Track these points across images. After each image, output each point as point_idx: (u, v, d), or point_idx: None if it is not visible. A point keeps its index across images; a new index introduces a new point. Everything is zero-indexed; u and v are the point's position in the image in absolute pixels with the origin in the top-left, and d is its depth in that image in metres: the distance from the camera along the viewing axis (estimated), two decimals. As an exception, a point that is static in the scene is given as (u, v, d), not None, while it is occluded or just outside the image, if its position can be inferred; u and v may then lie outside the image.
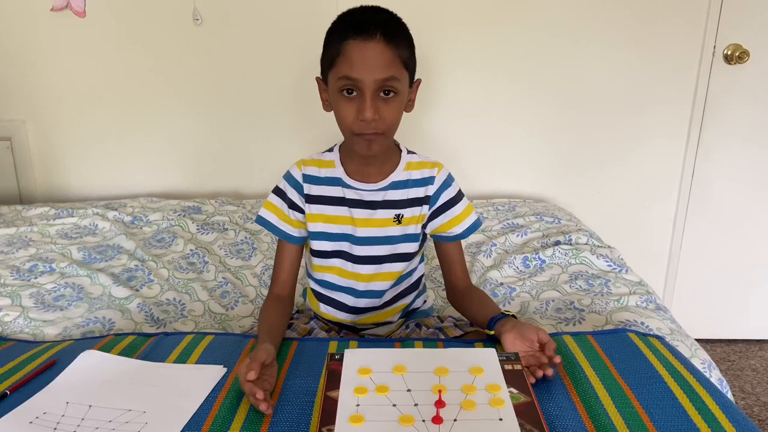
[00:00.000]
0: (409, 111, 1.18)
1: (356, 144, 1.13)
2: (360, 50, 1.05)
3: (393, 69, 1.07)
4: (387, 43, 1.06)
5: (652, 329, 1.32)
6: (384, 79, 1.06)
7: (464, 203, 1.26)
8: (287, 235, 1.27)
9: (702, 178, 2.31)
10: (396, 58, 1.07)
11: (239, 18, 2.16)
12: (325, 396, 0.89)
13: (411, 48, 1.13)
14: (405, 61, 1.10)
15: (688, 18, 2.14)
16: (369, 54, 1.05)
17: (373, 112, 1.06)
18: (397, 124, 1.13)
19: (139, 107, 2.27)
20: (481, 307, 1.21)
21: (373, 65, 1.05)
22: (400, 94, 1.10)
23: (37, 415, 0.93)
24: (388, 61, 1.06)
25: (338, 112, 1.11)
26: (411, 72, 1.14)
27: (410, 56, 1.12)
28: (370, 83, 1.05)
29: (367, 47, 1.05)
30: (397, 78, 1.08)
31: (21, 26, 2.18)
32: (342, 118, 1.11)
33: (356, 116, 1.08)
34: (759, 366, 2.36)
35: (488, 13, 2.15)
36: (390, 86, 1.07)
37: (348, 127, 1.10)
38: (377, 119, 1.07)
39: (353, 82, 1.06)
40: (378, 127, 1.08)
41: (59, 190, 2.37)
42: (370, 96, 1.06)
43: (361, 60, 1.05)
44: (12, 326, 1.40)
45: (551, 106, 2.25)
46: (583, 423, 0.89)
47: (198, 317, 1.52)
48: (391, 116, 1.10)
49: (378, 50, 1.05)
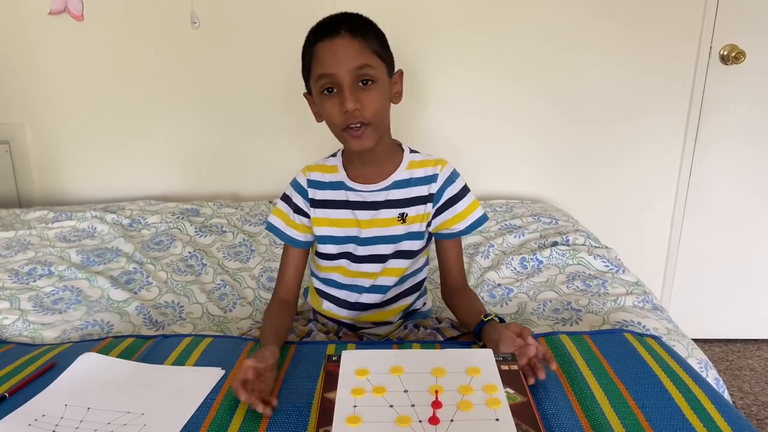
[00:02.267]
0: (396, 102, 1.20)
1: (348, 141, 1.14)
2: (329, 47, 1.09)
3: (364, 57, 1.09)
4: (353, 36, 1.09)
5: (649, 329, 1.32)
6: (356, 68, 1.08)
7: (468, 199, 1.26)
8: (292, 240, 1.28)
9: (699, 178, 2.32)
10: (365, 48, 1.10)
11: (237, 21, 2.17)
12: (323, 397, 0.90)
13: (381, 39, 1.15)
14: (376, 51, 1.12)
15: (685, 19, 2.15)
16: (337, 48, 1.09)
17: (354, 102, 1.08)
18: (382, 113, 1.14)
19: (138, 110, 2.27)
20: (468, 311, 1.22)
21: (343, 57, 1.08)
22: (378, 82, 1.12)
23: (35, 418, 0.93)
24: (356, 51, 1.09)
25: (324, 112, 1.14)
26: (387, 62, 1.15)
27: (381, 47, 1.14)
28: (344, 75, 1.08)
29: (334, 43, 1.09)
30: (371, 65, 1.10)
31: (19, 30, 2.18)
32: (328, 116, 1.13)
33: (340, 110, 1.10)
34: (757, 366, 2.36)
35: (486, 13, 2.16)
36: (365, 74, 1.10)
37: (335, 123, 1.12)
38: (359, 107, 1.09)
39: (329, 78, 1.09)
40: (363, 115, 1.10)
41: (58, 193, 2.37)
42: (348, 87, 1.08)
43: (331, 56, 1.09)
44: (11, 329, 1.41)
45: (549, 106, 2.25)
46: (579, 423, 0.90)
47: (196, 319, 1.52)
48: (373, 104, 1.11)
49: (345, 43, 1.09)
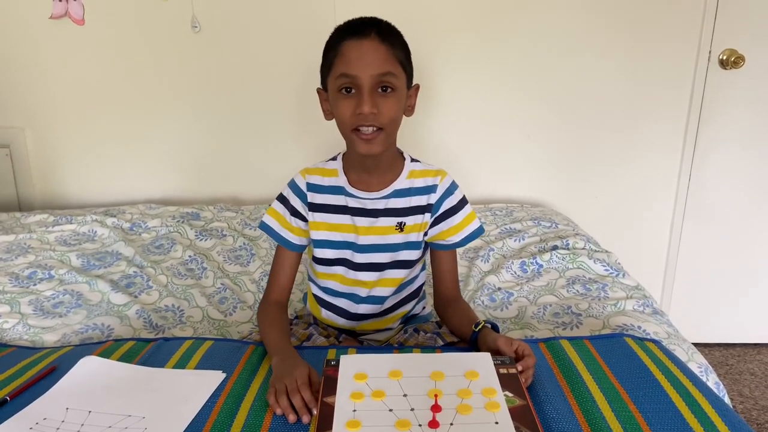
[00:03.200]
0: (409, 115, 1.20)
1: (356, 143, 1.13)
2: (356, 48, 1.08)
3: (389, 65, 1.09)
4: (382, 41, 1.09)
5: (649, 333, 1.32)
6: (380, 74, 1.08)
7: (465, 212, 1.26)
8: (286, 242, 1.28)
9: (699, 182, 2.32)
10: (391, 55, 1.10)
11: (237, 25, 2.17)
12: (322, 402, 0.90)
13: (406, 50, 1.15)
14: (400, 60, 1.12)
15: (684, 23, 2.16)
16: (365, 51, 1.08)
17: (371, 106, 1.08)
18: (396, 122, 1.14)
19: (138, 114, 2.28)
20: (460, 322, 1.22)
21: (369, 61, 1.08)
22: (397, 91, 1.12)
23: (37, 421, 0.93)
24: (383, 58, 1.09)
25: (337, 110, 1.13)
26: (408, 74, 1.16)
27: (406, 58, 1.14)
28: (367, 78, 1.08)
29: (362, 44, 1.08)
30: (394, 74, 1.10)
31: (20, 34, 2.19)
32: (340, 115, 1.12)
33: (354, 111, 1.09)
34: (757, 370, 2.36)
35: (486, 19, 2.16)
36: (387, 82, 1.09)
37: (346, 122, 1.11)
38: (375, 113, 1.08)
39: (351, 79, 1.08)
40: (378, 120, 1.09)
41: (58, 197, 2.37)
42: (368, 91, 1.08)
43: (357, 57, 1.08)
44: (11, 333, 1.41)
45: (548, 111, 2.26)
46: (580, 427, 0.90)
47: (196, 323, 1.52)
48: (390, 112, 1.11)
49: (373, 47, 1.08)
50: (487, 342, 1.08)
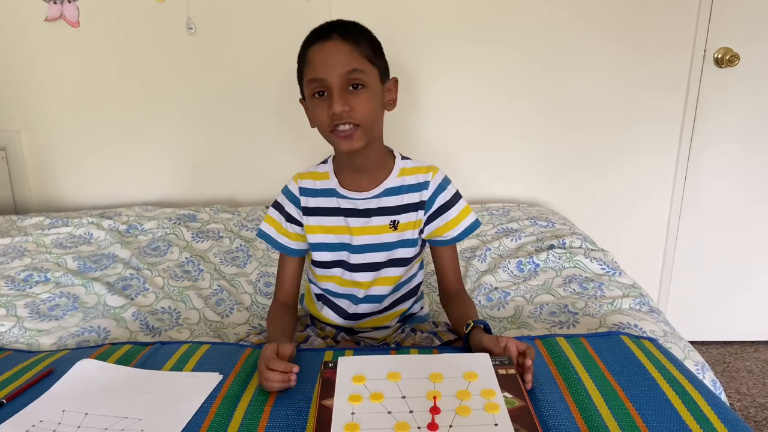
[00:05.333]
0: (390, 109, 1.21)
1: (337, 143, 1.14)
2: (320, 51, 1.11)
3: (354, 62, 1.10)
4: (344, 41, 1.10)
5: (645, 331, 1.32)
6: (346, 73, 1.09)
7: (460, 206, 1.26)
8: (285, 248, 1.29)
9: (694, 180, 2.33)
10: (355, 52, 1.11)
11: (233, 27, 2.17)
12: (320, 405, 0.90)
13: (373, 45, 1.16)
14: (367, 56, 1.13)
15: (679, 22, 2.16)
16: (328, 52, 1.10)
17: (342, 104, 1.09)
18: (372, 116, 1.14)
19: (134, 116, 2.27)
20: (458, 318, 1.22)
21: (333, 62, 1.09)
22: (369, 87, 1.12)
23: (33, 424, 0.93)
24: (347, 56, 1.10)
25: (314, 115, 1.14)
26: (379, 68, 1.16)
27: (374, 53, 1.15)
28: (334, 79, 1.09)
29: (324, 47, 1.10)
30: (361, 70, 1.11)
31: (15, 36, 2.18)
32: (317, 119, 1.14)
33: (328, 112, 1.10)
34: (754, 367, 2.37)
35: (480, 19, 2.16)
36: (355, 79, 1.10)
37: (323, 125, 1.13)
38: (347, 110, 1.09)
39: (320, 82, 1.10)
40: (351, 117, 1.10)
41: (54, 199, 2.37)
42: (337, 91, 1.09)
43: (322, 60, 1.10)
44: (7, 336, 1.40)
45: (544, 110, 2.26)
46: (577, 425, 0.90)
47: (193, 325, 1.52)
48: (363, 108, 1.11)
49: (336, 48, 1.10)
50: (475, 342, 1.09)
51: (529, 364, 1.00)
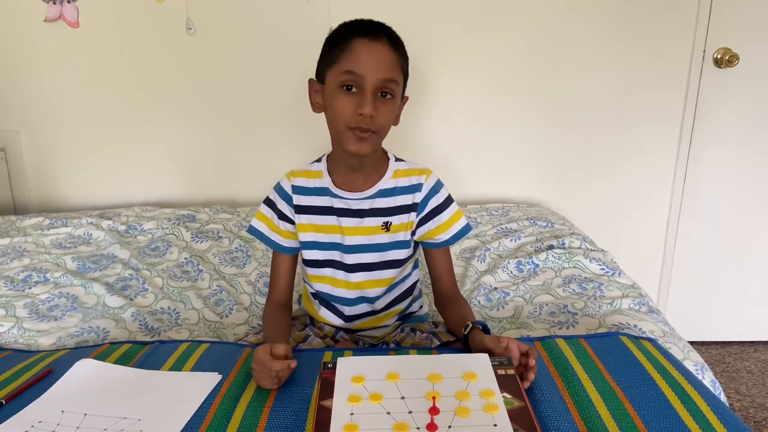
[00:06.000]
0: (395, 125, 1.20)
1: (348, 141, 1.12)
2: (367, 48, 1.09)
3: (394, 72, 1.11)
4: (392, 47, 1.11)
5: (645, 332, 1.32)
6: (385, 80, 1.09)
7: (452, 210, 1.26)
8: (277, 245, 1.29)
9: (694, 180, 2.33)
10: (397, 63, 1.12)
11: (232, 27, 2.17)
12: (319, 405, 0.89)
13: (407, 62, 1.17)
14: (403, 70, 1.15)
15: (678, 22, 2.16)
16: (375, 53, 1.09)
17: (373, 108, 1.08)
18: (388, 128, 1.15)
19: (133, 116, 2.27)
20: (456, 321, 1.22)
21: (378, 64, 1.09)
22: (395, 98, 1.13)
23: (32, 424, 0.93)
24: (391, 63, 1.10)
25: (335, 106, 1.12)
26: (404, 85, 1.17)
27: (407, 67, 1.16)
28: (373, 81, 1.08)
29: (374, 46, 1.09)
30: (397, 81, 1.12)
31: (14, 37, 2.18)
32: (338, 112, 1.11)
33: (354, 110, 1.09)
34: (754, 368, 2.37)
35: (479, 18, 2.17)
36: (389, 88, 1.11)
37: (344, 120, 1.11)
38: (374, 116, 1.09)
39: (356, 78, 1.09)
40: (374, 124, 1.10)
41: (53, 200, 2.37)
42: (371, 93, 1.09)
43: (367, 57, 1.09)
44: (6, 336, 1.40)
45: (543, 110, 2.26)
46: (576, 426, 0.90)
47: (192, 325, 1.52)
48: (386, 117, 1.12)
49: (384, 51, 1.10)
50: (475, 343, 1.08)
51: (533, 364, 1.00)
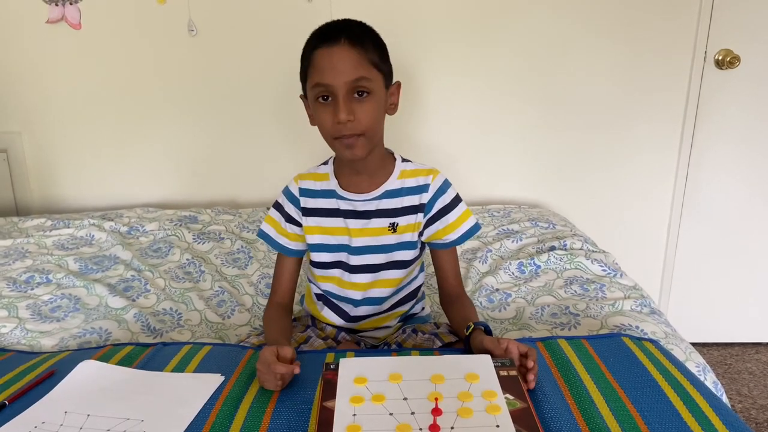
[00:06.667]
0: (392, 113, 1.20)
1: (339, 150, 1.14)
2: (327, 56, 1.09)
3: (361, 70, 1.09)
4: (352, 46, 1.09)
5: (646, 333, 1.32)
6: (353, 81, 1.08)
7: (460, 209, 1.26)
8: (284, 248, 1.29)
9: (696, 182, 2.33)
10: (363, 59, 1.09)
11: (234, 29, 2.17)
12: (322, 406, 0.90)
13: (380, 50, 1.14)
14: (374, 63, 1.12)
15: (679, 24, 2.16)
16: (335, 58, 1.08)
17: (347, 113, 1.08)
18: (376, 124, 1.14)
19: (135, 118, 2.27)
20: (459, 321, 1.22)
21: (341, 69, 1.08)
22: (374, 94, 1.12)
23: (35, 425, 0.93)
24: (354, 63, 1.08)
25: (318, 119, 1.13)
26: (385, 74, 1.15)
27: (380, 58, 1.14)
28: (341, 86, 1.08)
29: (332, 52, 1.08)
30: (368, 78, 1.10)
31: (16, 38, 2.19)
32: (321, 124, 1.13)
33: (332, 120, 1.09)
34: (756, 369, 2.37)
35: (481, 21, 2.17)
36: (361, 86, 1.09)
37: (327, 132, 1.12)
38: (352, 119, 1.09)
39: (325, 87, 1.09)
40: (355, 128, 1.10)
41: (55, 201, 2.37)
42: (343, 98, 1.08)
43: (329, 65, 1.08)
44: (9, 338, 1.40)
45: (545, 112, 2.26)
46: (578, 427, 0.90)
47: (194, 326, 1.52)
48: (367, 116, 1.11)
49: (343, 54, 1.08)
50: (476, 344, 1.09)
51: (532, 365, 1.00)
